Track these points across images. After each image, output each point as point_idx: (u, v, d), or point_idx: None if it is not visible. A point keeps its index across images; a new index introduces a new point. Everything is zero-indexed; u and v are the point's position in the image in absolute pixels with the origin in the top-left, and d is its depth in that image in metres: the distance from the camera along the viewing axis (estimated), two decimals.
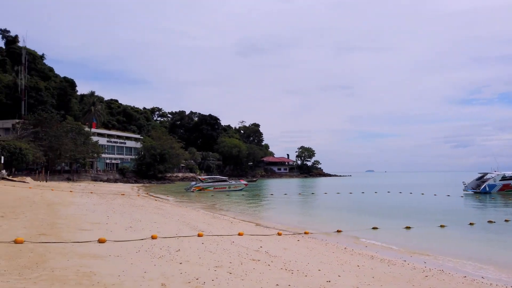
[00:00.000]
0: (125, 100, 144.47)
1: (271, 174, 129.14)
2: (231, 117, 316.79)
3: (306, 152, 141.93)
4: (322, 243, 12.98)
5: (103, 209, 18.84)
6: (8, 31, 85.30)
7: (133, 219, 15.18)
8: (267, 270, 7.81)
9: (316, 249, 11.41)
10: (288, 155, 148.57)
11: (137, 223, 13.99)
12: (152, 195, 37.36)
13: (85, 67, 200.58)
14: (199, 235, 11.80)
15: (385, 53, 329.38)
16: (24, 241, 8.60)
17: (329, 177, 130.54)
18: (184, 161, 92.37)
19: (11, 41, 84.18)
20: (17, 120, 61.28)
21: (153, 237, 10.65)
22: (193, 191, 45.38)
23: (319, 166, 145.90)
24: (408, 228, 17.16)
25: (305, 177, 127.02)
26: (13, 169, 46.39)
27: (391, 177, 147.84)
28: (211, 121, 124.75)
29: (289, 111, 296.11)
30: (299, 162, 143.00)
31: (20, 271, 6.18)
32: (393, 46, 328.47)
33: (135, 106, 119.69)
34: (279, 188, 59.91)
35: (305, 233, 14.93)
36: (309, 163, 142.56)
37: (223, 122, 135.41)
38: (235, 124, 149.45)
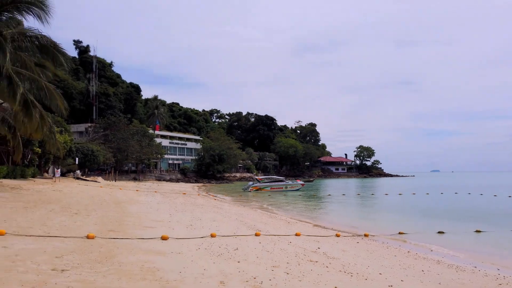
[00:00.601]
0: (185, 103, 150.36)
1: (328, 174, 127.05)
2: (287, 117, 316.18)
3: (365, 152, 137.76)
4: (383, 246, 12.50)
5: (166, 208, 19.68)
6: (81, 42, 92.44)
7: (193, 218, 15.69)
8: (325, 271, 7.68)
9: (377, 252, 11.01)
10: (346, 154, 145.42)
11: (197, 222, 14.44)
12: (211, 195, 38.40)
13: (149, 72, 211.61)
14: (256, 235, 11.91)
15: (450, 45, 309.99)
16: (95, 237, 9.22)
17: (390, 178, 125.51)
18: (241, 161, 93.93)
19: (83, 51, 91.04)
20: (89, 124, 66.17)
21: (212, 235, 10.93)
22: (250, 191, 45.94)
23: (379, 166, 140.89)
24: (478, 232, 15.98)
25: (364, 177, 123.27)
26: (86, 170, 50.21)
27: (459, 177, 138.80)
28: (268, 121, 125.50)
29: (347, 110, 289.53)
30: (357, 161, 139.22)
31: (91, 264, 6.64)
32: (459, 38, 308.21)
33: (195, 109, 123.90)
34: (337, 188, 58.72)
35: (365, 235, 14.46)
36: (368, 163, 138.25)
37: (279, 122, 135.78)
38: (291, 124, 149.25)
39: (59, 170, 37.64)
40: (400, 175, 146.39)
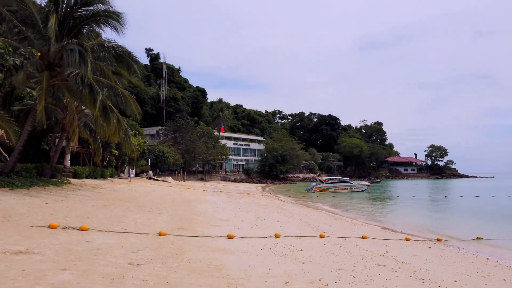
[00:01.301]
0: (249, 104, 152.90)
1: (396, 175, 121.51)
2: (352, 116, 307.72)
3: (437, 151, 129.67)
4: (458, 251, 11.71)
5: (231, 207, 20.19)
6: (152, 50, 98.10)
7: (258, 217, 15.92)
8: (394, 276, 7.39)
9: (451, 258, 10.34)
10: (415, 154, 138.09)
11: (261, 221, 14.62)
12: (274, 195, 38.63)
13: (214, 76, 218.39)
14: (321, 236, 11.77)
15: None
16: (167, 234, 9.74)
17: (465, 179, 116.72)
18: (304, 162, 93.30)
19: (154, 58, 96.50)
20: (160, 127, 70.01)
21: (276, 236, 11.01)
22: (314, 192, 45.46)
23: (453, 166, 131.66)
24: None
25: (436, 178, 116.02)
26: (158, 170, 53.18)
27: None
28: (331, 121, 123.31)
29: (416, 107, 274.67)
30: (428, 162, 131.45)
31: (163, 260, 7.03)
32: None
33: (258, 110, 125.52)
34: (406, 190, 55.96)
35: (438, 240, 13.64)
36: (440, 163, 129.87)
37: (343, 122, 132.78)
38: (355, 124, 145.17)
39: (133, 170, 40.28)
40: (477, 176, 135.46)
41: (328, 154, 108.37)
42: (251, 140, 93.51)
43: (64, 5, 18.44)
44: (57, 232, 8.60)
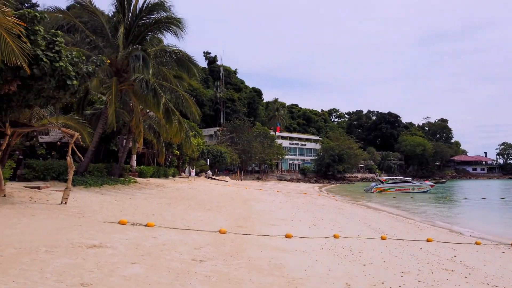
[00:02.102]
0: (304, 104, 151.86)
1: (464, 175, 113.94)
2: (413, 113, 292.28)
3: (510, 149, 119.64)
4: None
5: (288, 207, 20.21)
6: (210, 53, 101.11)
7: (315, 218, 15.78)
8: (464, 282, 6.98)
9: None
10: (485, 153, 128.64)
11: (319, 222, 14.48)
12: (332, 195, 38.00)
13: (270, 76, 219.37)
14: (382, 238, 11.41)
15: None
16: (226, 232, 10.00)
17: None
18: (362, 161, 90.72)
19: (212, 61, 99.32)
20: (218, 128, 71.90)
21: (335, 236, 10.85)
22: (373, 192, 44.05)
23: None
24: None
25: (510, 178, 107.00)
26: (216, 170, 54.66)
27: None
28: (391, 119, 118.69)
29: (485, 102, 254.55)
30: (501, 161, 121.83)
31: (224, 257, 7.24)
32: None
33: (314, 109, 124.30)
34: (475, 191, 52.30)
35: None
36: None
37: (404, 119, 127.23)
38: (418, 121, 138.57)
39: (193, 170, 41.76)
40: None
41: (388, 153, 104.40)
42: (307, 140, 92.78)
43: (130, 14, 19.67)
44: (126, 228, 9.18)
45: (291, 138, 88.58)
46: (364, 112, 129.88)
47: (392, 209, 26.44)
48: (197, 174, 45.48)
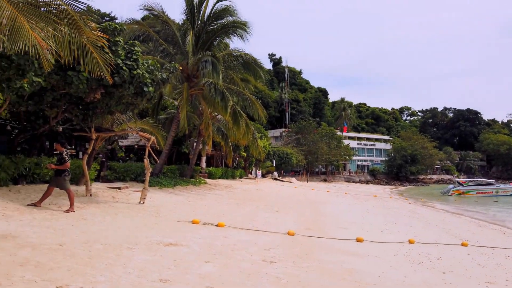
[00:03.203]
0: (373, 102, 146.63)
1: None
2: (496, 109, 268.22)
3: None
4: None
5: (357, 209, 19.62)
6: (274, 55, 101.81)
7: (387, 221, 15.13)
8: None
9: None
10: None
11: (391, 226, 13.86)
12: (405, 198, 36.16)
13: (335, 75, 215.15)
14: (463, 245, 10.61)
15: None
16: (295, 234, 9.96)
17: None
18: (438, 162, 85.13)
19: (276, 62, 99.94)
20: (283, 129, 72.11)
21: (410, 242, 10.30)
22: (451, 195, 41.11)
23: None
24: None
25: None
26: (282, 171, 54.81)
27: None
28: (470, 116, 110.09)
29: None
30: None
31: (294, 259, 7.20)
32: None
33: (383, 108, 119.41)
34: None
35: None
36: None
37: (485, 116, 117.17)
38: (501, 118, 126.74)
39: (260, 171, 42.28)
40: None
41: (467, 153, 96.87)
42: (376, 140, 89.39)
43: (199, 21, 20.52)
44: (199, 227, 9.54)
45: (359, 138, 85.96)
46: (440, 109, 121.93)
47: (474, 213, 24.45)
48: (263, 176, 45.96)
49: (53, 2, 5.99)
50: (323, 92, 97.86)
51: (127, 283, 4.76)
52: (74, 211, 9.19)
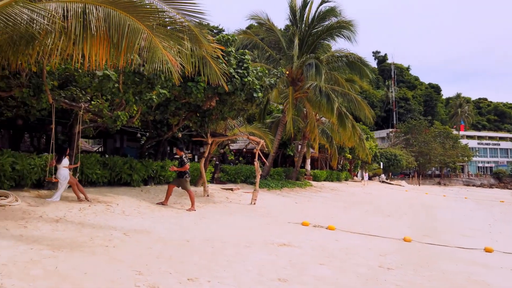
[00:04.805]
0: (495, 97, 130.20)
1: None
2: None
3: None
4: None
5: (481, 216, 17.67)
6: (379, 52, 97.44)
7: None
8: None
9: None
10: None
11: None
12: None
13: (448, 70, 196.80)
14: None
15: None
16: (412, 241, 9.38)
17: None
18: None
19: (381, 60, 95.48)
20: (390, 130, 68.43)
21: None
22: None
23: None
24: None
25: None
26: (390, 174, 51.98)
27: None
28: None
29: None
30: None
31: (414, 267, 6.79)
32: None
33: (508, 102, 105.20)
34: None
35: None
36: None
37: None
38: None
39: (366, 174, 40.76)
40: None
41: None
42: (501, 138, 79.21)
43: (303, 25, 20.70)
44: (309, 229, 9.61)
45: (480, 138, 77.09)
46: None
47: None
48: (369, 178, 44.18)
49: (178, 20, 6.63)
50: (435, 88, 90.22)
51: (249, 280, 5.03)
52: (195, 210, 10.03)
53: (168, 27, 6.96)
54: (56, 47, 5.86)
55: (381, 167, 46.56)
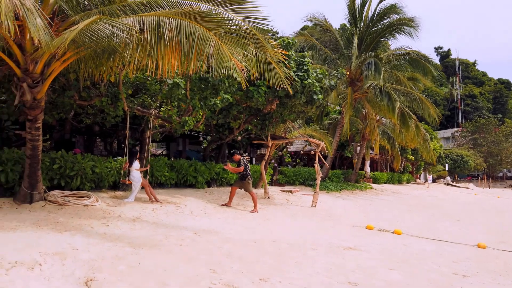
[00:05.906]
0: None
1: None
2: None
3: None
4: None
5: None
6: (441, 47, 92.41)
7: None
8: None
9: None
10: None
11: None
12: None
13: None
14: None
15: None
16: (487, 247, 8.83)
17: None
18: None
19: (444, 56, 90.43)
20: (456, 129, 64.49)
21: None
22: None
23: None
24: None
25: None
26: (455, 176, 48.98)
27: None
28: None
29: None
30: None
31: (492, 275, 6.41)
32: None
33: None
34: None
35: None
36: None
37: None
38: None
39: (431, 176, 38.79)
40: None
41: None
42: None
43: (362, 24, 20.24)
44: (374, 233, 9.40)
45: None
46: None
47: None
48: (433, 181, 41.98)
49: (243, 27, 6.85)
50: (505, 84, 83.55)
51: (318, 282, 5.06)
52: (257, 212, 10.23)
53: (234, 34, 7.20)
54: (133, 58, 6.32)
55: (446, 169, 44.04)
